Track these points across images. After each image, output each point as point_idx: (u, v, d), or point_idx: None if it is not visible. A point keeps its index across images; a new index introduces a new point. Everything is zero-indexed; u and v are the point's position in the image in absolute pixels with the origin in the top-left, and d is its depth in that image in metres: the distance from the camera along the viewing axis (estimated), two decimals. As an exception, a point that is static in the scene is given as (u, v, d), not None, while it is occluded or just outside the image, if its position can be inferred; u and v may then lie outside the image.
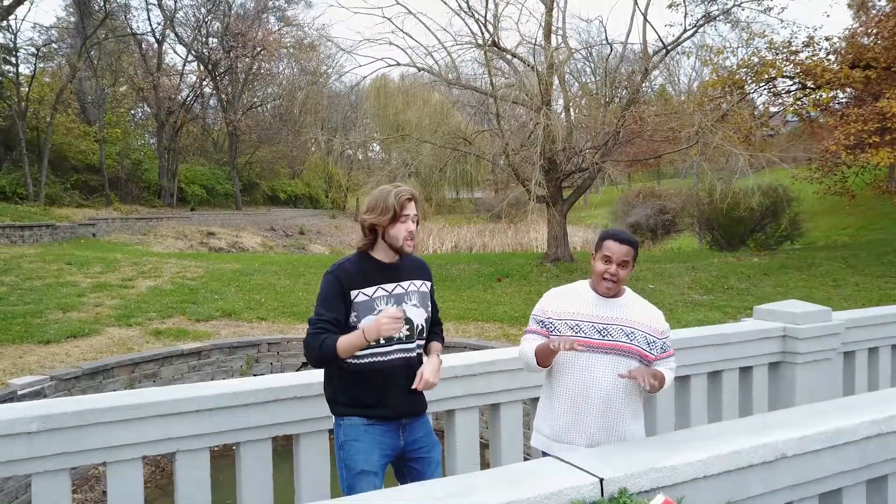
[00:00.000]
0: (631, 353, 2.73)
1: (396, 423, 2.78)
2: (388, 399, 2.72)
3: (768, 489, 2.37)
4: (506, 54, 13.82)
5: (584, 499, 2.00)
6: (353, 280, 2.70)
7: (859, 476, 2.61)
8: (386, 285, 2.74)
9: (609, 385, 2.71)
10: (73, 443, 2.84)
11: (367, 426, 2.70)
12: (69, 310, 10.29)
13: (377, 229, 2.73)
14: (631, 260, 2.77)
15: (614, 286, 2.77)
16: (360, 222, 2.79)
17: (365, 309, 2.68)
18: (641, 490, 2.10)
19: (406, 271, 2.83)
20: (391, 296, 2.73)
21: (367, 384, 2.70)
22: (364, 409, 2.70)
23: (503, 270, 14.24)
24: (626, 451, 2.37)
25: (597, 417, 2.72)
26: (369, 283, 2.71)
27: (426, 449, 2.85)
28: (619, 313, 2.78)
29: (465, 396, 3.63)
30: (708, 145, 12.42)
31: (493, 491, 1.95)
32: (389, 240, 2.74)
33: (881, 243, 17.04)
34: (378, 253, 2.79)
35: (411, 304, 2.78)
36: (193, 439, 3.06)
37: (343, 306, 2.67)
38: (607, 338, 2.73)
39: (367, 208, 2.76)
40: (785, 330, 4.61)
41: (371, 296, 2.70)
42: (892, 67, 13.37)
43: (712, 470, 2.24)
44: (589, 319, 2.77)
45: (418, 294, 2.83)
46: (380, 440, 2.72)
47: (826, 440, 2.47)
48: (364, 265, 2.77)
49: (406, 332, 2.74)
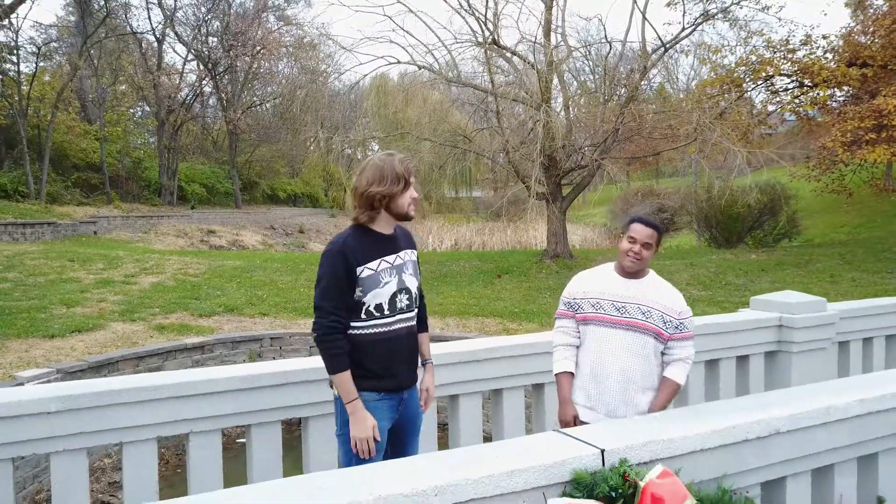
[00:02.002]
0: (647, 331, 2.90)
1: (399, 394, 2.82)
2: (394, 369, 2.76)
3: (763, 463, 2.47)
4: (506, 52, 13.91)
5: (585, 468, 2.09)
6: (357, 257, 2.69)
7: (850, 453, 2.71)
8: (388, 257, 2.75)
9: (625, 359, 2.89)
10: (90, 423, 2.93)
11: (377, 401, 2.73)
12: (73, 305, 10.37)
13: (383, 202, 2.72)
14: (654, 243, 2.96)
15: (637, 264, 2.94)
16: (362, 195, 2.72)
17: (371, 283, 2.69)
18: (641, 461, 2.20)
19: (402, 241, 2.87)
20: (393, 267, 2.76)
21: (374, 354, 2.72)
22: (372, 380, 2.72)
23: (503, 267, 14.33)
24: (627, 426, 2.47)
25: (615, 389, 2.89)
26: (373, 257, 2.72)
27: (414, 416, 2.92)
28: (639, 293, 2.96)
29: (468, 382, 3.72)
30: (706, 142, 12.52)
31: (500, 459, 2.05)
32: (395, 208, 2.75)
33: (878, 240, 17.16)
34: (377, 225, 2.78)
35: (407, 273, 2.82)
36: (206, 421, 3.15)
37: (349, 286, 2.68)
38: (625, 315, 2.92)
39: (371, 181, 2.71)
40: (781, 320, 4.71)
41: (376, 269, 2.71)
42: (888, 65, 13.48)
43: (709, 443, 2.34)
44: (610, 298, 2.95)
45: (412, 263, 2.87)
46: (386, 414, 2.77)
47: (818, 417, 2.56)
48: (365, 239, 2.75)
49: (406, 302, 2.80)
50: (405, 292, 2.79)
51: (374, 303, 2.71)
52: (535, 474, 2.01)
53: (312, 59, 37.75)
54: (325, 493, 1.81)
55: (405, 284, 2.80)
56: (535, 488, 2.02)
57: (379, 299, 2.72)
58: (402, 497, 1.83)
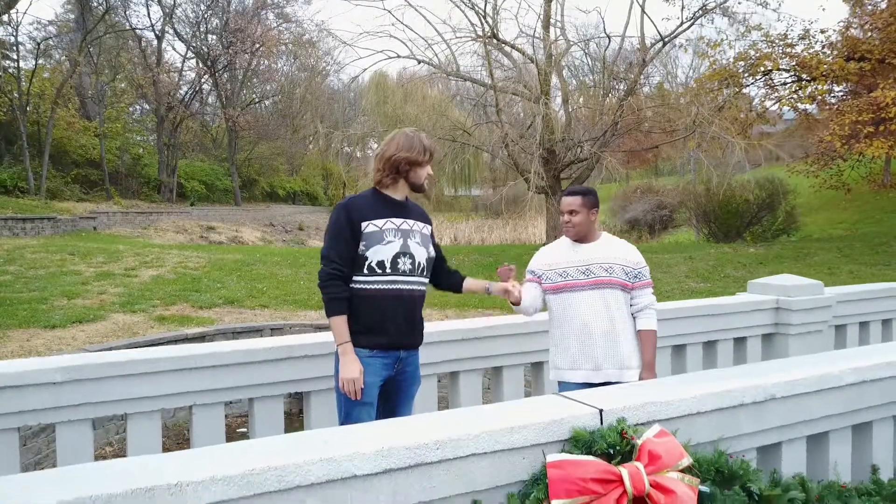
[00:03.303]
0: (613, 285, 3.23)
1: (395, 353, 2.92)
2: (389, 327, 2.86)
3: (759, 428, 2.50)
4: (505, 46, 13.95)
5: (584, 426, 2.13)
6: (364, 212, 2.86)
7: (845, 421, 2.74)
8: (395, 219, 2.91)
9: (601, 314, 3.21)
10: (95, 393, 2.97)
11: (369, 357, 2.83)
12: (74, 297, 10.40)
13: (406, 168, 2.92)
14: (579, 208, 3.30)
15: (571, 230, 3.32)
16: (389, 159, 2.92)
17: (374, 239, 2.83)
18: (638, 422, 2.23)
19: (412, 212, 3.04)
20: (399, 230, 2.90)
21: (369, 310, 2.84)
22: (365, 335, 2.83)
23: (502, 261, 14.33)
24: (626, 390, 2.51)
25: (599, 345, 3.18)
26: (379, 216, 2.87)
27: (409, 383, 3.02)
28: (597, 253, 3.29)
29: (468, 359, 3.76)
30: (704, 136, 12.57)
31: (498, 418, 2.09)
32: (414, 178, 2.96)
33: (876, 235, 17.21)
34: (392, 191, 2.98)
35: (414, 241, 2.94)
36: (209, 394, 3.19)
37: (352, 237, 2.83)
38: (590, 276, 3.24)
39: (401, 147, 2.92)
40: (778, 302, 4.76)
41: (381, 227, 2.85)
42: (886, 59, 13.53)
43: (705, 406, 2.37)
44: (574, 264, 3.28)
45: (421, 234, 3.00)
46: (378, 371, 2.86)
47: (813, 384, 2.60)
48: (375, 199, 2.95)
49: (409, 266, 2.90)
50: (408, 257, 2.89)
51: (376, 259, 2.83)
52: (535, 432, 2.05)
53: (312, 56, 37.79)
54: (329, 446, 1.85)
55: (409, 249, 2.90)
56: (535, 445, 2.05)
57: (381, 256, 2.83)
58: (403, 449, 1.86)
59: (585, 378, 3.20)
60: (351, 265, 2.84)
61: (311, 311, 10.43)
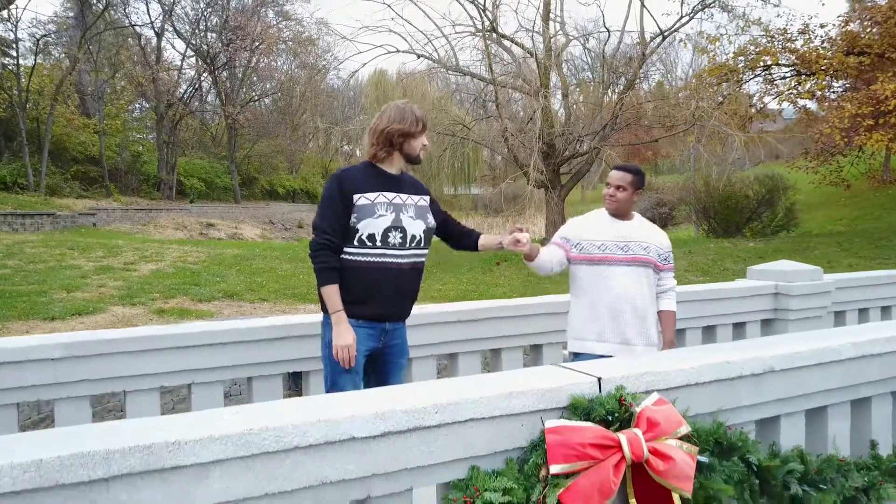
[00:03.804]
0: (648, 264, 3.31)
1: (381, 325, 2.93)
2: (377, 299, 2.87)
3: (757, 401, 2.50)
4: (504, 40, 13.94)
5: (582, 394, 2.13)
6: (356, 184, 2.86)
7: (844, 395, 2.74)
8: (387, 193, 2.90)
9: (634, 292, 3.26)
10: (94, 370, 2.97)
11: (356, 328, 2.83)
12: (73, 290, 10.40)
13: (400, 140, 2.91)
14: (627, 185, 3.31)
15: (613, 204, 3.35)
16: (381, 132, 2.91)
17: (365, 212, 2.83)
18: (637, 391, 2.23)
19: (407, 185, 3.03)
20: (391, 204, 2.89)
21: (357, 282, 2.85)
22: (352, 305, 2.84)
23: (502, 255, 14.35)
24: (624, 360, 2.51)
25: (630, 321, 3.23)
26: (372, 189, 2.87)
27: (398, 355, 3.02)
28: (635, 232, 3.35)
29: (467, 341, 3.77)
30: (704, 129, 12.56)
31: (497, 386, 2.08)
32: (408, 149, 2.96)
33: (875, 231, 17.22)
34: (386, 165, 2.98)
35: (408, 215, 2.94)
36: (208, 372, 3.19)
37: (343, 209, 2.83)
38: (628, 252, 3.29)
39: (392, 119, 2.91)
40: (777, 288, 4.76)
41: (373, 200, 2.85)
42: (885, 54, 13.53)
43: (704, 377, 2.37)
44: (613, 239, 3.31)
45: (416, 207, 2.99)
46: (364, 341, 2.87)
47: (811, 357, 2.60)
48: (369, 172, 2.95)
49: (400, 240, 2.89)
50: (399, 231, 2.89)
51: (367, 232, 2.83)
52: (533, 398, 2.05)
53: (311, 54, 37.76)
54: (329, 410, 1.85)
55: (401, 223, 2.89)
56: (533, 412, 2.05)
57: (371, 229, 2.83)
58: (401, 413, 1.86)
59: (610, 351, 3.21)
60: (342, 236, 2.84)
61: (311, 304, 10.43)
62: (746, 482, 2.33)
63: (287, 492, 1.76)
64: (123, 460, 1.57)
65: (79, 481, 1.53)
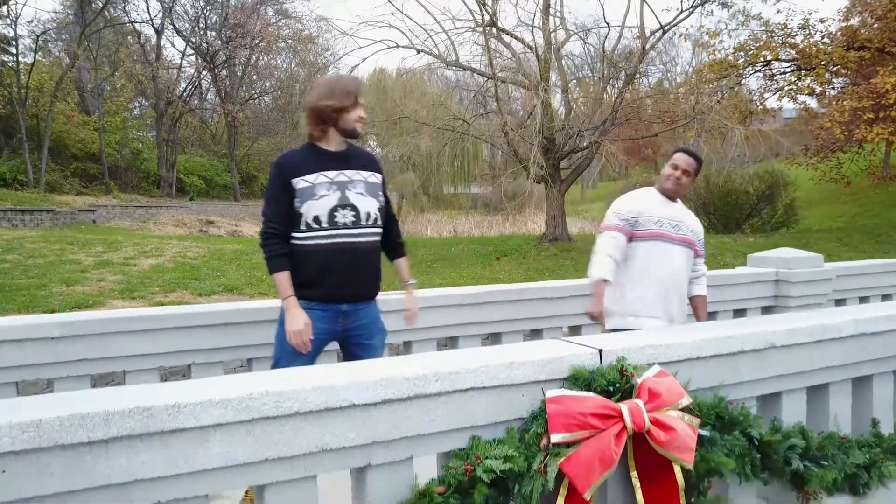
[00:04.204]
0: (692, 246, 3.43)
1: (334, 307, 2.84)
2: (327, 281, 2.80)
3: (758, 376, 2.50)
4: (504, 35, 13.93)
5: (583, 364, 2.12)
6: (295, 168, 2.79)
7: (845, 373, 2.74)
8: (328, 172, 2.81)
9: (682, 271, 3.39)
10: (94, 350, 2.97)
11: (307, 310, 2.78)
12: (73, 284, 10.39)
13: (333, 116, 2.79)
14: (692, 171, 3.46)
15: (677, 187, 3.43)
16: (312, 110, 2.82)
17: (306, 195, 2.76)
18: (638, 364, 2.23)
19: (354, 161, 2.90)
20: (333, 182, 2.80)
21: (307, 265, 2.79)
22: (302, 289, 2.79)
23: (502, 250, 14.37)
24: (625, 334, 2.51)
25: (675, 299, 3.36)
26: (311, 170, 2.79)
27: (367, 335, 2.93)
28: (683, 215, 3.47)
29: (468, 325, 3.76)
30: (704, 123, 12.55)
31: (498, 356, 2.08)
32: (343, 124, 2.82)
33: (875, 227, 17.21)
34: (325, 142, 2.86)
35: (356, 191, 2.83)
36: (208, 353, 3.19)
37: (286, 196, 2.77)
38: (679, 232, 3.39)
39: (319, 97, 2.81)
40: (777, 275, 4.76)
41: (313, 182, 2.77)
42: (885, 48, 13.53)
43: (705, 352, 2.36)
44: (667, 217, 3.39)
45: (365, 184, 2.88)
46: (316, 323, 2.79)
47: (812, 334, 2.59)
48: (308, 153, 2.85)
49: (352, 219, 2.80)
50: (350, 209, 2.80)
51: (311, 215, 2.76)
52: (534, 368, 2.05)
53: (311, 52, 37.76)
54: (331, 377, 1.84)
55: (350, 201, 2.80)
56: (534, 382, 2.05)
57: (315, 211, 2.76)
58: (402, 380, 1.86)
59: (657, 327, 3.24)
60: (288, 222, 2.79)
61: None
62: (748, 456, 2.33)
63: (287, 458, 1.75)
64: (123, 422, 1.56)
65: (78, 442, 1.52)
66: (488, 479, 1.84)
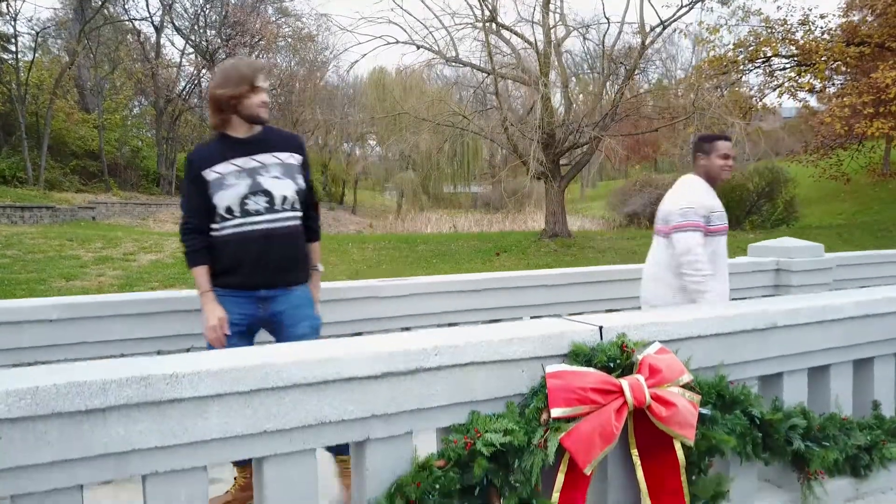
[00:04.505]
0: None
1: (250, 293, 2.80)
2: (243, 268, 2.76)
3: (760, 356, 2.49)
4: (504, 31, 13.91)
5: (584, 341, 2.11)
6: (205, 160, 2.76)
7: (846, 355, 2.73)
8: (237, 160, 2.75)
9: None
10: (91, 333, 2.96)
11: (223, 297, 2.77)
12: (72, 279, 10.38)
13: (231, 104, 2.73)
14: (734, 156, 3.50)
15: (730, 174, 3.44)
16: (210, 99, 2.78)
17: (217, 186, 2.73)
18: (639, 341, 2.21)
19: (267, 145, 2.81)
20: (243, 170, 2.74)
21: (224, 255, 2.77)
22: (221, 277, 2.78)
23: (501, 246, 14.35)
24: (626, 312, 2.50)
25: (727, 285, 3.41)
26: (220, 160, 2.74)
27: (289, 322, 2.82)
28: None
29: (467, 311, 3.75)
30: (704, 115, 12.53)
31: (497, 333, 2.07)
32: (245, 111, 2.74)
33: (875, 223, 17.21)
34: (232, 129, 2.79)
35: (270, 176, 2.77)
36: (207, 337, 3.16)
37: (199, 190, 2.75)
38: (725, 221, 3.39)
39: (216, 86, 2.76)
40: (778, 264, 4.76)
41: (222, 173, 2.73)
42: (885, 44, 13.52)
43: (707, 330, 2.35)
44: (721, 210, 3.38)
45: (281, 166, 2.81)
46: (233, 309, 2.77)
47: (814, 314, 2.59)
48: (217, 144, 2.81)
49: (265, 204, 2.75)
50: (262, 194, 2.74)
51: (223, 205, 2.73)
52: (534, 344, 2.04)
53: (311, 50, 37.70)
54: (331, 349, 1.83)
55: (262, 186, 2.75)
56: (534, 358, 2.04)
57: (226, 202, 2.73)
58: (402, 353, 1.85)
59: None
60: (204, 216, 2.77)
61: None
62: (749, 435, 2.32)
63: (286, 430, 1.74)
64: (120, 391, 1.55)
65: (75, 410, 1.51)
66: (488, 452, 1.83)
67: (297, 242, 2.86)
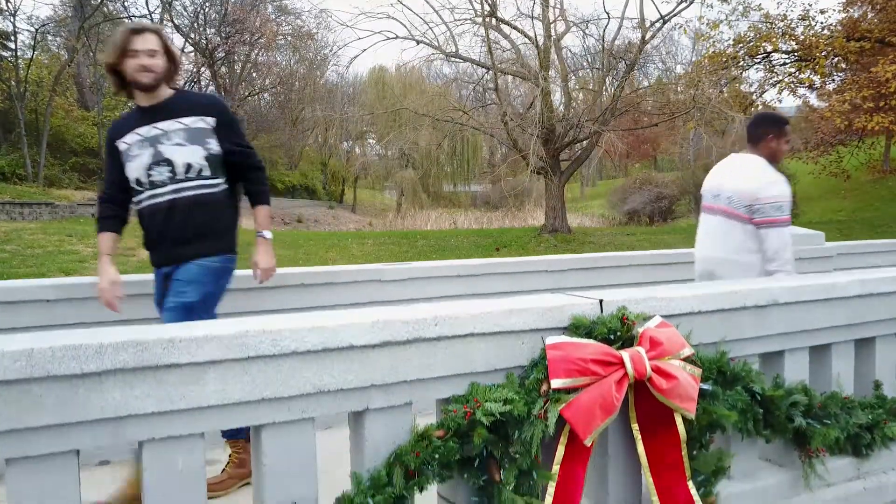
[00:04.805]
0: None
1: (160, 271, 2.84)
2: (151, 244, 2.81)
3: (761, 333, 2.47)
4: (504, 26, 13.90)
5: (584, 314, 2.10)
6: (117, 131, 2.77)
7: (848, 334, 2.71)
8: (140, 129, 2.69)
9: None
10: (90, 314, 2.95)
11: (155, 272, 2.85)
12: (71, 273, 10.36)
13: (115, 72, 2.69)
14: None
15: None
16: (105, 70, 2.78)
17: (126, 157, 2.72)
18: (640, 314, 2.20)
19: (170, 111, 2.70)
20: (146, 139, 2.68)
21: (142, 228, 2.82)
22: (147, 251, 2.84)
23: (501, 241, 14.35)
24: (628, 289, 2.48)
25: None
26: (128, 131, 2.72)
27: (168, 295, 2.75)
28: None
29: (466, 296, 3.73)
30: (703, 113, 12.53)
31: (497, 305, 2.05)
32: (130, 79, 2.67)
33: (875, 220, 17.21)
34: (139, 98, 2.73)
35: (172, 143, 2.66)
36: (205, 319, 3.15)
37: (114, 160, 2.76)
38: None
39: (104, 57, 2.79)
40: (778, 252, 4.72)
41: (129, 143, 2.71)
42: (885, 39, 13.51)
43: (707, 306, 2.34)
44: None
45: (185, 132, 2.68)
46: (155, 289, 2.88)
47: (817, 292, 2.57)
48: (131, 114, 2.80)
49: (168, 174, 2.67)
50: (165, 164, 2.66)
51: (133, 177, 2.72)
52: (534, 316, 2.02)
53: (311, 48, 37.69)
54: (329, 318, 1.82)
55: (164, 155, 2.67)
56: (534, 330, 2.02)
57: (134, 173, 2.71)
58: (401, 323, 1.83)
59: None
60: (118, 187, 2.77)
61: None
62: (750, 411, 2.30)
63: (284, 398, 1.73)
64: (116, 355, 1.53)
65: (71, 374, 1.50)
66: (488, 422, 1.82)
67: (206, 212, 2.73)
